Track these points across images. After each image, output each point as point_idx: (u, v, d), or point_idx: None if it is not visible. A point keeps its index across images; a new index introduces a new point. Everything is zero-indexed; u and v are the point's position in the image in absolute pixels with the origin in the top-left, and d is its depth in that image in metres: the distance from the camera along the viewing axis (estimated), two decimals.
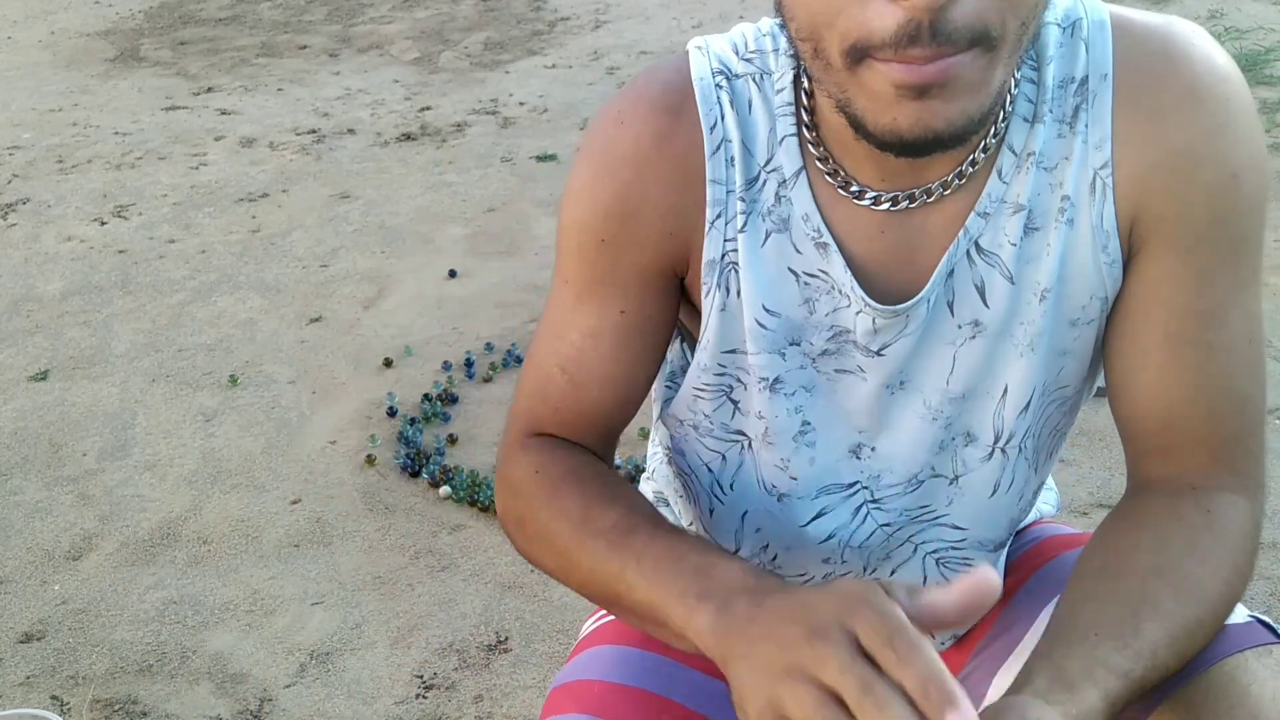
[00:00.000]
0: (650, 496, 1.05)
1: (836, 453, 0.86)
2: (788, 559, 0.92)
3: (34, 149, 4.29)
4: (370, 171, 3.92)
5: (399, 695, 1.76)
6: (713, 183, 0.80)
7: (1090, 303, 0.79)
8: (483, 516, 2.16)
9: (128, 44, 5.72)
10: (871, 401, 0.83)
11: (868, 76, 0.66)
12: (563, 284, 0.86)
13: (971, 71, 0.64)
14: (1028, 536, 1.00)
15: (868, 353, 0.81)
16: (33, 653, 1.88)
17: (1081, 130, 0.76)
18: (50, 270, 3.29)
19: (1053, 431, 0.87)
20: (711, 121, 0.79)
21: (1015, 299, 0.79)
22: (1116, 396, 0.82)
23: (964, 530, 0.88)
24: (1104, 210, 0.76)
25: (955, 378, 0.82)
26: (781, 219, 0.80)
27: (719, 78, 0.80)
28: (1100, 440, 2.20)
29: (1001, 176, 0.77)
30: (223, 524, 2.18)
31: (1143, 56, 0.75)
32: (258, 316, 2.97)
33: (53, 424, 2.53)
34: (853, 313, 0.80)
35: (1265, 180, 0.76)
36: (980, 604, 0.61)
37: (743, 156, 0.80)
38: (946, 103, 0.65)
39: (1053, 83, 0.76)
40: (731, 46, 0.82)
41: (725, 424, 0.88)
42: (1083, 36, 0.76)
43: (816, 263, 0.80)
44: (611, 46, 5.15)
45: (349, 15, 6.03)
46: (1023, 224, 0.77)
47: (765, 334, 0.82)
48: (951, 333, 0.80)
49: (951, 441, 0.84)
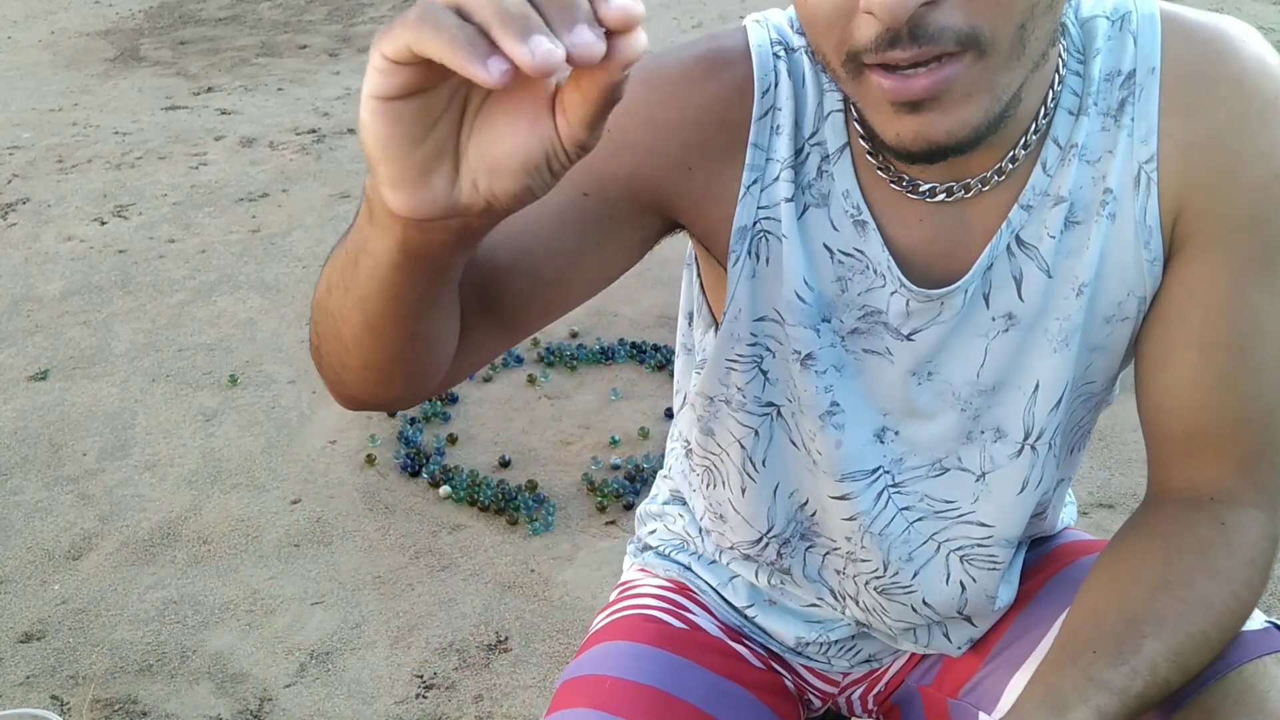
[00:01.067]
0: (666, 495, 1.05)
1: (862, 437, 0.85)
2: (824, 518, 0.91)
3: (34, 149, 4.29)
4: None
5: (399, 695, 1.75)
6: (754, 146, 0.78)
7: (1127, 299, 0.79)
8: (483, 516, 2.16)
9: (128, 44, 5.71)
10: (898, 387, 0.83)
11: (867, 88, 0.67)
12: None
13: (965, 81, 0.64)
14: (1047, 541, 0.99)
15: (898, 335, 0.81)
16: (33, 653, 1.88)
17: (1127, 124, 0.75)
18: (50, 270, 3.29)
19: (1078, 428, 0.86)
20: (765, 86, 0.78)
21: (1050, 293, 0.78)
22: (1143, 396, 0.81)
23: (990, 528, 0.87)
24: (1148, 205, 0.76)
25: (986, 370, 0.81)
26: (821, 194, 0.79)
27: (777, 48, 0.79)
28: (1100, 440, 2.20)
29: (1046, 169, 0.76)
30: (223, 524, 2.18)
31: (1191, 52, 0.74)
32: (258, 316, 2.97)
33: (53, 424, 2.53)
34: (887, 293, 0.79)
35: None
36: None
37: (791, 127, 0.78)
38: (944, 114, 0.65)
39: (1099, 75, 0.75)
40: (789, 21, 0.81)
41: (757, 396, 0.87)
42: (1131, 30, 0.75)
43: (853, 241, 0.79)
44: None
45: (349, 15, 6.03)
46: (1063, 217, 0.77)
47: (803, 308, 0.81)
48: (985, 324, 0.80)
49: (980, 435, 0.84)
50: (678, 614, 0.99)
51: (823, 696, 1.05)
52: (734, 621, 1.02)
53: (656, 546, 1.05)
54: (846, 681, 1.03)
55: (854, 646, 0.99)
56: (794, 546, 0.94)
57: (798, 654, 1.01)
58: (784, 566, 0.96)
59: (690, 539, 1.02)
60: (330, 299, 0.65)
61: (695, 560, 1.03)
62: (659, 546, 1.05)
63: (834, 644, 0.99)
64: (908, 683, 1.02)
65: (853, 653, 1.00)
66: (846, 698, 1.05)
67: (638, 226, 0.79)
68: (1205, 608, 0.74)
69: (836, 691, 1.04)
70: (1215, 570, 0.76)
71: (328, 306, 0.65)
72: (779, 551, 0.95)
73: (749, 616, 1.01)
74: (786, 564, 0.95)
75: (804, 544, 0.94)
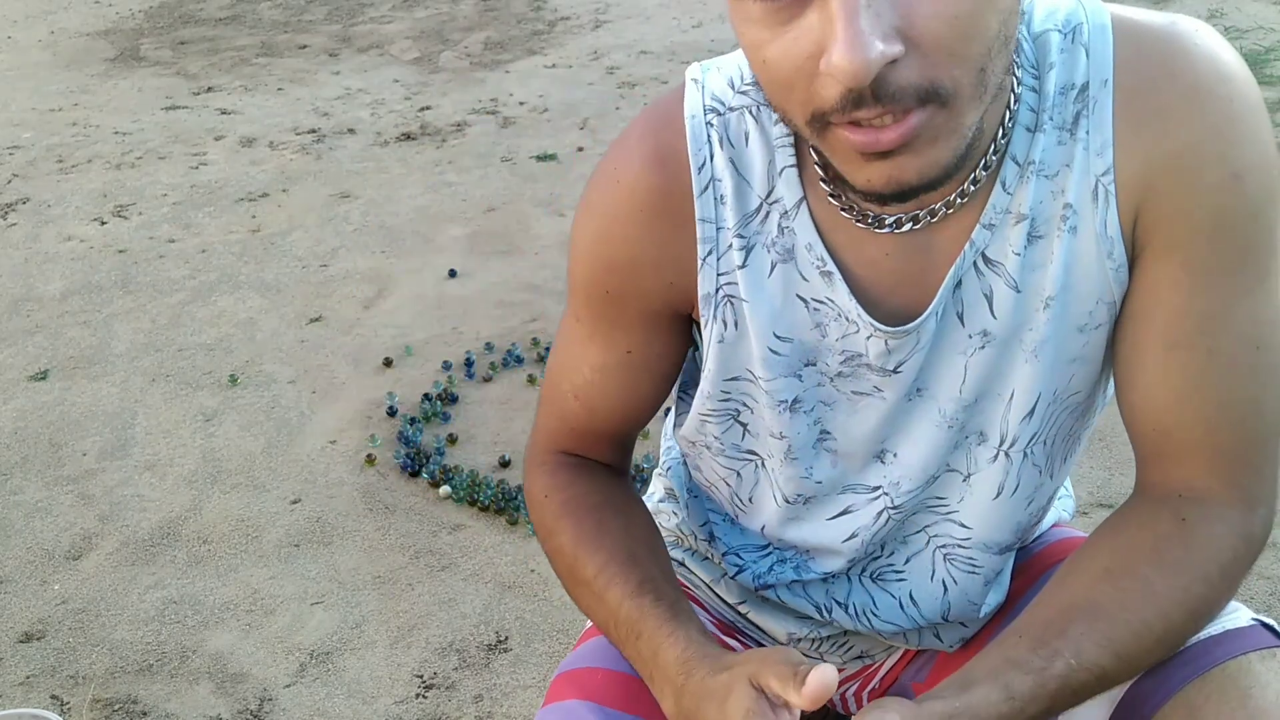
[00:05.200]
0: (661, 493, 1.06)
1: (860, 456, 0.86)
2: (813, 564, 0.93)
3: (34, 149, 4.29)
4: (370, 171, 3.92)
5: (399, 695, 1.76)
6: (702, 221, 0.81)
7: (1097, 307, 0.79)
8: (483, 516, 2.16)
9: (128, 44, 5.72)
10: (892, 414, 0.84)
11: (835, 142, 0.67)
12: (575, 319, 0.90)
13: (932, 127, 0.65)
14: (1039, 540, 1.00)
15: (883, 373, 0.82)
16: (33, 653, 1.88)
17: (1083, 137, 0.75)
18: (50, 270, 3.29)
19: (1065, 437, 0.86)
20: (700, 162, 0.80)
21: (1021, 307, 0.79)
22: (1120, 398, 0.82)
23: (969, 530, 0.88)
24: (1107, 217, 0.75)
25: (967, 386, 0.82)
26: (786, 249, 0.80)
27: (710, 115, 0.81)
28: (1100, 440, 2.20)
29: (1005, 187, 0.76)
30: (223, 524, 2.18)
31: (1143, 59, 0.74)
32: (258, 316, 2.97)
33: (53, 424, 2.53)
34: (863, 338, 0.80)
35: (1271, 182, 0.74)
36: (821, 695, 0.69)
37: (738, 191, 0.80)
38: (915, 157, 0.66)
39: (1054, 90, 0.75)
40: (728, 80, 0.82)
41: (736, 444, 0.89)
42: (1083, 42, 0.75)
43: (823, 290, 0.80)
44: (611, 46, 5.15)
45: (349, 15, 6.03)
46: (1025, 233, 0.77)
47: (779, 359, 0.83)
48: (963, 343, 0.80)
49: (965, 440, 0.84)
50: None
51: None
52: (727, 617, 1.03)
53: None
54: (840, 678, 1.04)
55: (846, 643, 1.00)
56: (781, 576, 0.96)
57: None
58: (768, 583, 0.97)
59: (684, 536, 1.03)
60: (572, 598, 0.92)
61: (689, 556, 1.04)
62: None
63: (826, 640, 0.99)
64: (901, 680, 1.03)
65: (845, 648, 1.00)
66: (840, 695, 1.06)
67: (676, 333, 0.89)
68: (1148, 597, 0.75)
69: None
70: (1165, 562, 0.76)
71: (571, 594, 0.92)
72: (770, 568, 0.96)
73: (741, 613, 1.01)
74: (772, 583, 0.97)
75: (792, 576, 0.95)
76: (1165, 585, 0.76)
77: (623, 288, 0.85)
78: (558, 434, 0.96)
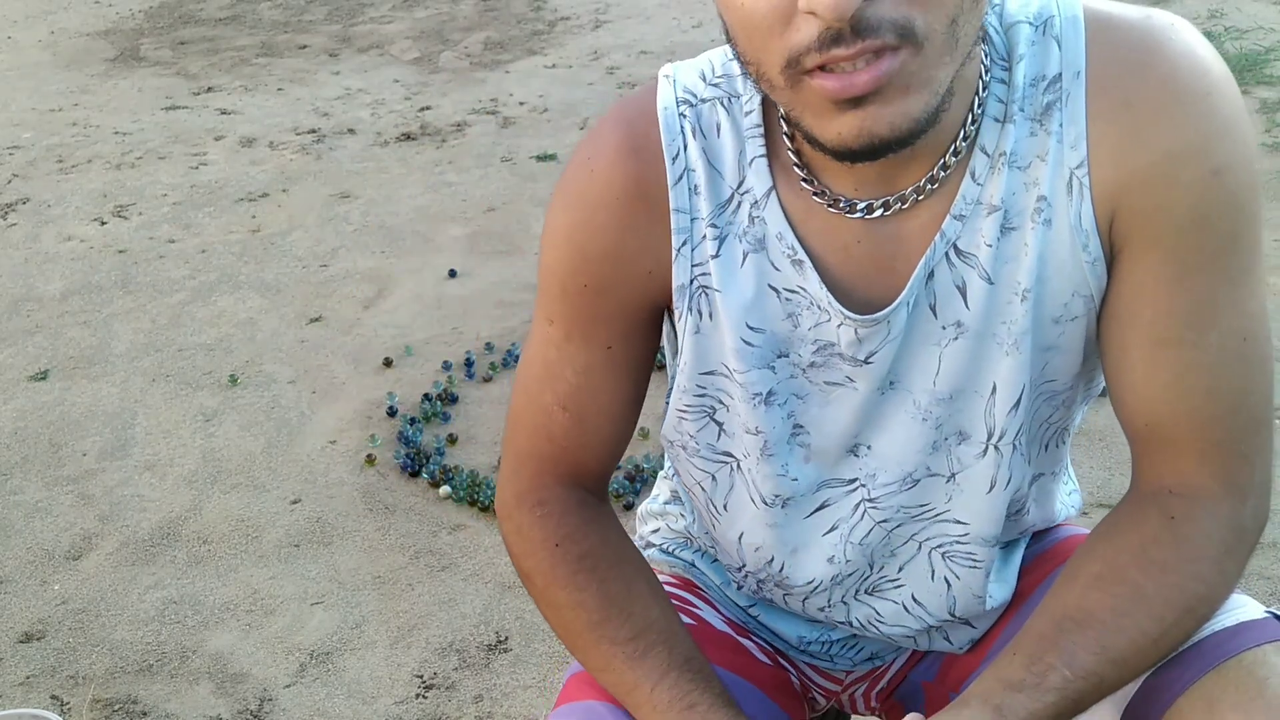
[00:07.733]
0: (667, 495, 1.06)
1: (834, 452, 0.86)
2: (794, 565, 0.92)
3: (34, 149, 4.29)
4: (370, 171, 3.92)
5: (399, 695, 1.76)
6: (676, 211, 0.81)
7: (1073, 299, 0.79)
8: (483, 516, 2.16)
9: (128, 44, 5.72)
10: (865, 406, 0.84)
11: (806, 93, 0.67)
12: (547, 322, 0.88)
13: (904, 74, 0.65)
14: (1046, 539, 1.00)
15: (855, 362, 0.82)
16: (33, 653, 1.88)
17: (1055, 129, 0.75)
18: (50, 270, 3.29)
19: (1044, 425, 0.86)
20: (674, 152, 0.81)
21: (995, 299, 0.79)
22: (1112, 397, 0.82)
23: (965, 525, 0.88)
24: (1082, 210, 0.75)
25: (941, 378, 0.82)
26: (757, 239, 0.81)
27: (683, 106, 0.81)
28: (1100, 440, 2.20)
29: (975, 178, 0.76)
30: (223, 524, 2.18)
31: (1117, 52, 0.74)
32: (258, 316, 2.97)
33: (53, 424, 2.53)
34: (834, 326, 0.80)
35: (1251, 176, 0.74)
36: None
37: (710, 182, 0.81)
38: (884, 106, 0.66)
39: (1023, 81, 0.75)
40: (699, 73, 0.83)
41: (711, 445, 0.89)
42: (1055, 34, 0.75)
43: (795, 279, 0.81)
44: (611, 46, 5.15)
45: (349, 15, 6.03)
46: (999, 224, 0.77)
47: (752, 350, 0.83)
48: (935, 334, 0.80)
49: (945, 441, 0.84)
50: (684, 609, 0.99)
51: (827, 694, 1.06)
52: (739, 617, 1.02)
53: (660, 544, 1.06)
54: (850, 680, 1.04)
55: (856, 644, 1.00)
56: (770, 591, 0.96)
57: (801, 651, 1.01)
58: (765, 597, 0.98)
59: (693, 537, 1.03)
60: (574, 654, 0.89)
61: (699, 557, 1.03)
62: (662, 544, 1.06)
63: (835, 642, 0.99)
64: (910, 679, 1.03)
65: (855, 650, 1.00)
66: (850, 695, 1.06)
67: (656, 326, 0.88)
68: (1139, 601, 0.76)
69: (840, 690, 1.05)
70: (1154, 564, 0.77)
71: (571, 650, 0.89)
72: (758, 584, 0.96)
73: (752, 615, 1.01)
74: (768, 596, 0.97)
75: (780, 591, 0.95)
76: (1156, 587, 0.76)
77: (602, 278, 0.84)
78: (546, 460, 0.91)
